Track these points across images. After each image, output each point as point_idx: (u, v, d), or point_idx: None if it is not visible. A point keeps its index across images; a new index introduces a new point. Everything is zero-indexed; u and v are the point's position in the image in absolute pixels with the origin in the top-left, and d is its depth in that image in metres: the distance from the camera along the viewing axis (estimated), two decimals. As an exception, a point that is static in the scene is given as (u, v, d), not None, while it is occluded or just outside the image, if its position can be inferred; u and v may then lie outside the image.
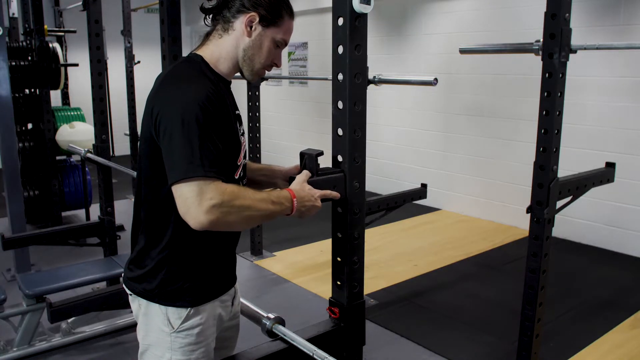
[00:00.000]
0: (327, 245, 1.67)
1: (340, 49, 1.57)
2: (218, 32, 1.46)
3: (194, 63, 1.44)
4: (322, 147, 1.65)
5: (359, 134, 1.62)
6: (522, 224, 5.06)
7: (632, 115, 4.43)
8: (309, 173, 1.56)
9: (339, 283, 1.72)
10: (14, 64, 4.75)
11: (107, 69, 6.50)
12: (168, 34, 2.46)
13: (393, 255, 4.55)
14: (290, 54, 7.68)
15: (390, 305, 3.61)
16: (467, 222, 5.55)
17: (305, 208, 1.48)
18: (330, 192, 1.58)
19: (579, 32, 3.24)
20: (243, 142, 1.53)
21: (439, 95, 5.83)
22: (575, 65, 3.25)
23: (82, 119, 5.33)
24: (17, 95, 4.95)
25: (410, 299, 3.71)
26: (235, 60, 1.46)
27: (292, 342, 1.55)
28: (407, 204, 3.63)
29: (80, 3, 3.63)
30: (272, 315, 1.64)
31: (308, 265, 4.31)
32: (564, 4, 2.16)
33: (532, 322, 2.43)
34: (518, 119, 5.13)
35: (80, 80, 7.53)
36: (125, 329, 3.18)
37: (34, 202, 5.08)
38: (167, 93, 1.35)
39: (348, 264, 1.69)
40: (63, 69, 5.23)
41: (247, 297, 1.75)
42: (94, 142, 3.71)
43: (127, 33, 6.19)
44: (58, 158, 5.17)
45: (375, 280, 3.95)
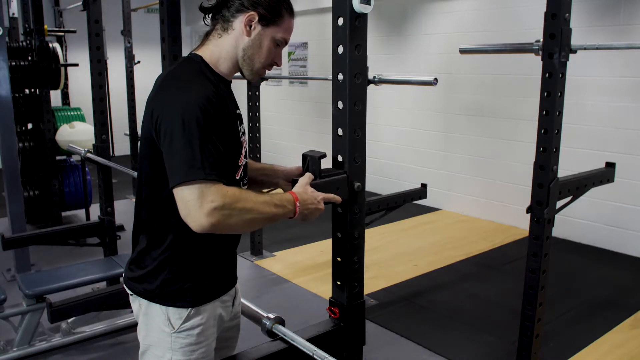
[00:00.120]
0: (327, 245, 1.66)
1: (340, 49, 1.57)
2: (217, 31, 1.46)
3: (194, 64, 1.43)
4: (322, 147, 1.65)
5: (359, 134, 1.62)
6: (522, 224, 5.05)
7: (632, 115, 4.43)
8: (312, 176, 1.54)
9: (339, 283, 1.72)
10: (14, 64, 4.75)
11: (107, 69, 6.50)
12: (168, 34, 2.47)
13: (393, 255, 4.55)
14: (290, 54, 7.68)
15: (390, 305, 3.61)
16: (467, 222, 5.55)
17: (308, 211, 1.46)
18: (334, 196, 1.56)
19: (579, 32, 3.24)
20: (244, 141, 1.53)
21: (439, 95, 5.83)
22: (575, 65, 3.25)
23: (82, 119, 5.33)
24: (17, 95, 4.95)
25: (410, 299, 3.71)
26: (235, 60, 1.45)
27: (292, 342, 1.55)
28: (407, 204, 3.63)
29: (80, 3, 3.63)
30: (272, 315, 1.64)
31: (308, 265, 4.31)
32: (564, 4, 2.16)
33: (532, 322, 2.43)
34: (518, 119, 5.13)
35: (80, 80, 7.54)
36: (125, 329, 3.18)
37: (34, 202, 5.08)
38: (167, 95, 1.34)
39: (348, 264, 1.69)
40: (63, 69, 5.23)
41: (247, 297, 1.75)
42: (94, 142, 3.71)
43: (127, 33, 6.20)
44: (58, 158, 5.17)
45: (375, 280, 3.95)
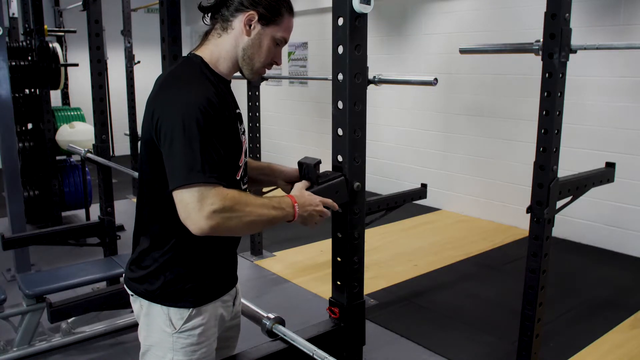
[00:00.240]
0: (327, 245, 1.66)
1: (340, 49, 1.57)
2: (217, 31, 1.45)
3: (194, 64, 1.42)
4: (322, 147, 1.65)
5: (359, 134, 1.62)
6: (522, 224, 5.05)
7: (632, 115, 4.43)
8: (308, 183, 1.56)
9: (339, 283, 1.72)
10: (14, 64, 4.75)
11: (107, 69, 6.51)
12: (168, 34, 2.47)
13: (393, 255, 4.55)
14: (290, 54, 7.68)
15: (390, 305, 3.61)
16: (467, 222, 5.55)
17: (307, 213, 1.47)
18: (333, 203, 1.55)
19: (579, 32, 3.24)
20: (244, 141, 1.52)
21: (439, 95, 5.83)
22: (575, 65, 3.25)
23: (82, 119, 5.33)
24: (17, 95, 4.95)
25: (410, 299, 3.71)
26: (235, 60, 1.45)
27: (292, 342, 1.55)
28: (407, 204, 3.63)
29: (80, 3, 3.63)
30: (272, 315, 1.64)
31: (308, 265, 4.31)
32: (564, 4, 2.17)
33: (532, 322, 2.44)
34: (518, 119, 5.13)
35: (80, 80, 7.54)
36: (125, 329, 3.18)
37: (34, 202, 5.08)
38: (167, 96, 1.34)
39: (348, 264, 1.69)
40: (63, 69, 5.23)
41: (247, 297, 1.75)
42: (94, 142, 3.71)
43: (127, 33, 6.20)
44: (58, 158, 5.17)
45: (375, 280, 3.95)
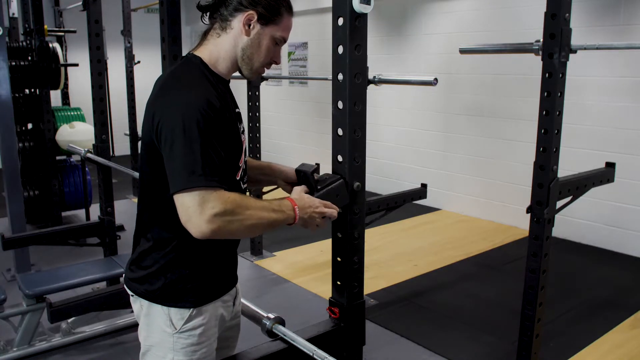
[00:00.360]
0: (327, 245, 1.66)
1: (340, 49, 1.57)
2: (216, 31, 1.45)
3: (193, 65, 1.42)
4: (322, 147, 1.65)
5: (359, 134, 1.62)
6: (522, 224, 5.05)
7: (632, 115, 4.43)
8: (306, 188, 1.56)
9: (339, 283, 1.72)
10: (14, 64, 4.75)
11: (107, 69, 6.51)
12: (168, 34, 2.47)
13: (393, 255, 4.55)
14: (290, 54, 7.68)
15: (390, 305, 3.61)
16: (467, 222, 5.55)
17: (307, 215, 1.46)
18: (332, 205, 1.54)
19: (579, 32, 3.24)
20: (244, 140, 1.52)
21: (439, 95, 5.83)
22: (575, 65, 3.25)
23: (82, 119, 5.33)
24: (17, 95, 4.95)
25: (410, 299, 3.71)
26: (234, 60, 1.45)
27: (292, 342, 1.55)
28: (407, 204, 3.63)
29: (80, 3, 3.63)
30: (272, 315, 1.64)
31: (308, 265, 4.31)
32: (564, 4, 2.16)
33: (532, 322, 2.43)
34: (518, 119, 5.13)
35: (80, 80, 7.54)
36: (125, 329, 3.18)
37: (34, 202, 5.08)
38: (167, 99, 1.33)
39: (348, 264, 1.69)
40: (63, 69, 5.23)
41: (247, 297, 1.75)
42: (94, 142, 3.71)
43: (127, 33, 6.20)
44: (58, 158, 5.17)
45: (375, 280, 3.95)
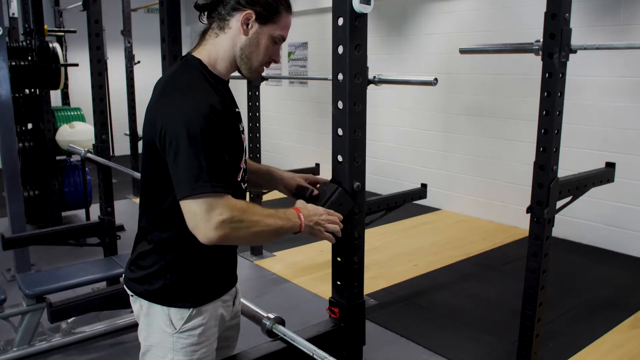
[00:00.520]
0: (327, 245, 1.66)
1: (340, 49, 1.56)
2: (214, 30, 1.44)
3: (193, 68, 1.41)
4: (322, 147, 1.65)
5: (359, 134, 1.62)
6: (522, 224, 5.05)
7: (632, 115, 4.43)
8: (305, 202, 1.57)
9: (339, 283, 1.72)
10: (14, 64, 4.75)
11: (107, 69, 6.51)
12: (168, 34, 2.47)
13: (393, 255, 4.55)
14: (290, 54, 7.68)
15: (390, 305, 3.61)
16: (467, 222, 5.55)
17: (313, 222, 1.47)
18: (335, 225, 1.53)
19: (579, 32, 3.24)
20: (244, 139, 1.52)
21: (439, 95, 5.83)
22: (575, 65, 3.25)
23: (82, 119, 5.33)
24: (17, 95, 4.95)
25: (410, 299, 3.71)
26: (233, 60, 1.44)
27: (292, 342, 1.55)
28: (407, 204, 3.63)
29: (80, 3, 3.63)
30: (272, 315, 1.64)
31: (308, 265, 4.31)
32: (564, 4, 2.17)
33: (532, 322, 2.43)
34: (518, 119, 5.13)
35: (80, 80, 7.54)
36: (125, 329, 3.18)
37: (34, 202, 5.08)
38: (170, 104, 1.32)
39: (348, 264, 1.69)
40: (63, 69, 5.23)
41: (247, 297, 1.75)
42: (94, 142, 3.70)
43: (127, 33, 6.20)
44: (58, 158, 5.17)
45: (375, 280, 3.95)
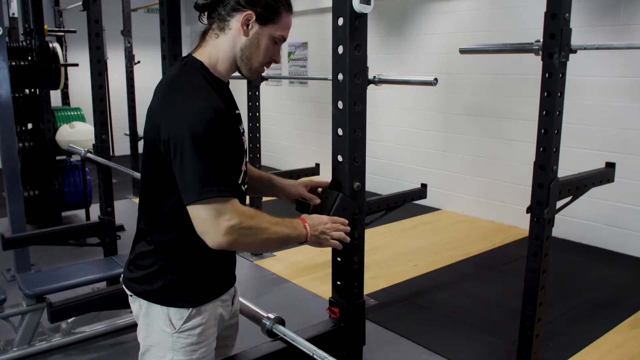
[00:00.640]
0: (327, 245, 1.65)
1: (340, 49, 1.56)
2: (214, 31, 1.43)
3: (194, 70, 1.40)
4: (322, 147, 1.65)
5: (359, 134, 1.62)
6: (522, 224, 5.05)
7: (632, 115, 4.43)
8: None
9: (339, 283, 1.72)
10: (14, 64, 4.75)
11: (107, 69, 6.51)
12: (168, 34, 2.47)
13: (393, 255, 4.55)
14: (290, 54, 7.68)
15: (390, 305, 3.61)
16: (467, 222, 5.55)
17: (318, 232, 1.48)
18: (339, 232, 1.54)
19: (579, 32, 3.24)
20: (244, 140, 1.52)
21: (439, 95, 5.83)
22: (575, 65, 3.25)
23: (82, 119, 5.33)
24: (17, 95, 4.95)
25: (410, 299, 3.71)
26: (233, 60, 1.44)
27: (292, 342, 1.55)
28: (407, 204, 3.63)
29: (80, 3, 3.63)
30: (272, 315, 1.64)
31: (308, 265, 4.31)
32: (564, 4, 2.16)
33: (532, 322, 2.43)
34: (518, 119, 5.13)
35: (80, 80, 7.54)
36: (125, 329, 3.18)
37: (34, 202, 5.08)
38: (172, 108, 1.31)
39: (348, 264, 1.69)
40: (63, 69, 5.23)
41: (247, 297, 1.75)
42: (94, 142, 3.70)
43: (127, 33, 6.20)
44: (58, 158, 5.17)
45: (375, 280, 3.95)
